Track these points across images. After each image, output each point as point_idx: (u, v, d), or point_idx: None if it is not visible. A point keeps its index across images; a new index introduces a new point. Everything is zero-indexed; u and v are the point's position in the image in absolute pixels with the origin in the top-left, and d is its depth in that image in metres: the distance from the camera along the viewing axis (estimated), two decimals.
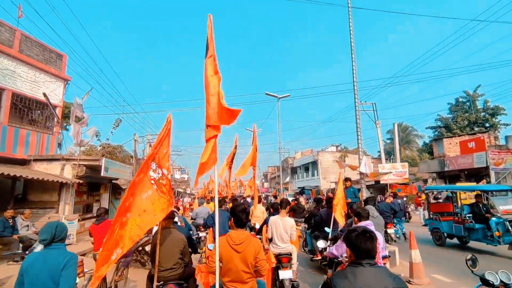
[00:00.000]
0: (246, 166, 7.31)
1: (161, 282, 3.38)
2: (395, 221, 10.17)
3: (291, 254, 4.83)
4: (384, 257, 4.12)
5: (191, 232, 5.81)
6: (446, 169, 20.03)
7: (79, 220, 10.89)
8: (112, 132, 19.75)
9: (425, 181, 23.05)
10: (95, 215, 4.48)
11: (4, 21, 10.13)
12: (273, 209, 6.12)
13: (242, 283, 2.81)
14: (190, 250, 3.91)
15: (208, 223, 6.90)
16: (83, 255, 8.92)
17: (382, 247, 3.76)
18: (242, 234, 2.89)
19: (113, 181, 14.15)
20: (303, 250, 7.58)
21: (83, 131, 11.04)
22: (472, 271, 2.80)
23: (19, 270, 2.49)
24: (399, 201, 11.37)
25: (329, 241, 5.50)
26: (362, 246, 1.77)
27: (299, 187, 41.55)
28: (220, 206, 6.96)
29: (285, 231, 4.92)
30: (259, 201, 8.98)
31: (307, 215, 8.26)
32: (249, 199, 12.05)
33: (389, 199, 17.38)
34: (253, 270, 2.83)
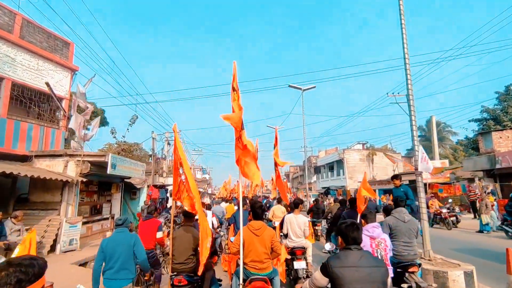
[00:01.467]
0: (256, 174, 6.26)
1: (174, 273, 3.83)
2: None
3: (304, 248, 5.48)
4: (413, 265, 4.08)
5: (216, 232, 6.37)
6: (498, 166, 17.40)
7: (84, 223, 9.84)
8: (128, 129, 19.09)
9: (470, 180, 20.40)
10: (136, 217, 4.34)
11: (3, 3, 9.24)
12: (290, 208, 6.52)
13: (260, 263, 3.53)
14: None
15: (231, 222, 7.24)
16: (83, 264, 7.74)
17: (389, 249, 3.82)
18: (259, 223, 3.71)
19: (125, 180, 13.11)
20: (325, 251, 7.58)
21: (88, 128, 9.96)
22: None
23: (99, 248, 3.66)
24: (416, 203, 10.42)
25: None
26: (350, 235, 2.23)
27: (323, 187, 39.45)
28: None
29: (298, 227, 5.51)
30: (279, 202, 8.96)
31: (328, 216, 8.63)
32: (275, 201, 11.31)
33: (433, 202, 15.29)
34: (270, 251, 3.58)
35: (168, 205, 21.75)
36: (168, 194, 20.70)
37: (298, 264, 5.13)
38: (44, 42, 10.36)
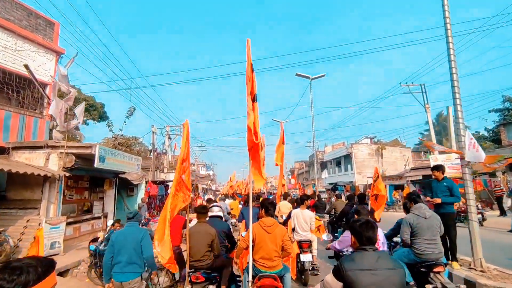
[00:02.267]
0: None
1: (192, 270, 3.87)
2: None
3: (310, 241, 5.65)
4: (438, 264, 3.85)
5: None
6: None
7: (71, 223, 8.74)
8: (125, 122, 18.04)
9: (491, 174, 18.99)
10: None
11: None
12: (297, 203, 6.80)
13: (270, 260, 3.53)
14: (222, 242, 4.35)
15: (240, 219, 7.25)
16: (64, 273, 6.62)
17: (382, 242, 3.99)
18: (271, 220, 3.72)
19: (120, 176, 12.01)
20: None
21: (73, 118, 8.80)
22: None
23: (109, 241, 3.72)
24: None
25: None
26: (365, 234, 2.01)
27: (330, 183, 38.14)
28: (247, 203, 7.48)
29: (304, 221, 5.76)
30: (285, 198, 9.27)
31: (332, 212, 8.68)
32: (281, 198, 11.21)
33: None
34: (280, 249, 3.56)
35: None
36: (169, 191, 19.68)
37: (305, 257, 5.34)
38: (23, 20, 9.20)
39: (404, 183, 26.44)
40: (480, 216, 12.71)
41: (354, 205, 6.36)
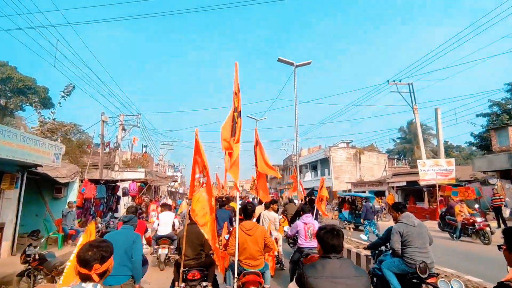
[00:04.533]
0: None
1: (186, 268, 4.05)
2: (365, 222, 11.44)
3: (276, 239, 6.55)
4: (431, 276, 3.79)
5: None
6: None
7: None
8: (60, 103, 14.26)
9: (483, 182, 17.63)
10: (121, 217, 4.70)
11: None
12: (265, 207, 7.38)
13: (254, 260, 3.90)
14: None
15: None
16: None
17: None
18: (251, 223, 4.15)
19: (34, 171, 8.54)
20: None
21: None
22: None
23: None
24: (370, 204, 12.02)
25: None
26: (329, 242, 2.04)
27: (306, 188, 36.10)
28: (222, 206, 8.24)
29: (270, 221, 6.64)
30: (260, 203, 9.80)
31: (284, 213, 9.73)
32: (256, 201, 12.27)
33: (462, 208, 12.04)
34: (263, 248, 3.97)
35: (121, 206, 17.25)
36: (120, 193, 16.14)
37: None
38: None
39: (385, 189, 24.87)
40: (488, 229, 10.85)
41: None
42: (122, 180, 16.97)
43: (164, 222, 7.36)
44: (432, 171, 19.51)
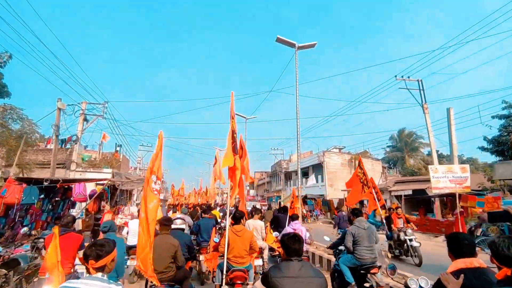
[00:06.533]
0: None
1: (153, 284, 3.83)
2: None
3: (262, 248, 6.44)
4: (374, 267, 4.74)
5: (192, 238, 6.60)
6: None
7: None
8: None
9: (499, 189, 15.42)
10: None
11: None
12: (250, 215, 8.05)
13: (241, 258, 4.58)
14: (184, 254, 4.54)
15: (195, 230, 7.29)
16: None
17: (304, 235, 6.23)
18: (240, 226, 4.85)
19: None
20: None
21: None
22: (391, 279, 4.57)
23: None
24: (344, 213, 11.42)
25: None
26: (291, 246, 2.35)
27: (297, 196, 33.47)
28: (205, 213, 7.97)
29: (255, 229, 6.70)
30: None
31: (262, 219, 9.73)
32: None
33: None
34: (249, 248, 4.63)
35: (75, 213, 13.87)
36: (72, 198, 12.78)
37: (256, 262, 5.87)
38: None
39: (387, 198, 22.40)
40: None
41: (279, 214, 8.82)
42: (81, 181, 13.62)
43: (134, 231, 6.74)
44: (445, 178, 17.02)
